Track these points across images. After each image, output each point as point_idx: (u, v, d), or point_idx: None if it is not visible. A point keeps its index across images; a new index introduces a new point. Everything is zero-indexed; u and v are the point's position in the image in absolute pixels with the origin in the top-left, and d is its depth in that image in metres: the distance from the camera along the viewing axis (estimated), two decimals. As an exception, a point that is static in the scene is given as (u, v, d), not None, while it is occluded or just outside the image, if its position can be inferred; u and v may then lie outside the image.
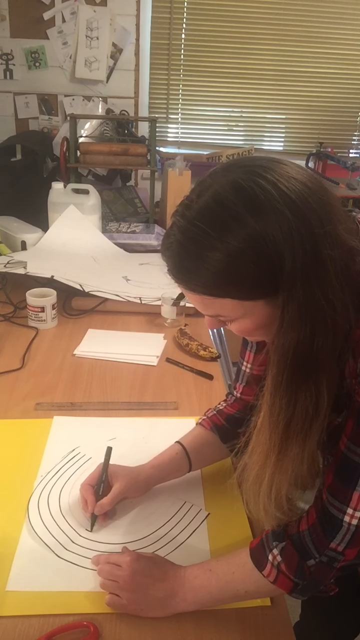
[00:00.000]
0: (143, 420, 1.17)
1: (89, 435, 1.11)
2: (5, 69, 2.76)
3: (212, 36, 2.88)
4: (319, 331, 0.62)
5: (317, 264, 0.61)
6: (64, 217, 2.01)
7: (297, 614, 1.22)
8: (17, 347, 1.44)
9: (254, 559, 0.73)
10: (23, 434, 1.11)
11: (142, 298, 1.65)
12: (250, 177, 0.62)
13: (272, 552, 0.71)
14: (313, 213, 0.61)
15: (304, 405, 0.65)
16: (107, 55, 2.75)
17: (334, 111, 3.10)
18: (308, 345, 0.62)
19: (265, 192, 0.61)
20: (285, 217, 0.60)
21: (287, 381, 0.65)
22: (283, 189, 0.61)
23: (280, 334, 0.64)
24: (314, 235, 0.61)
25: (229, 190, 0.62)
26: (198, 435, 0.99)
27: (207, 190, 0.64)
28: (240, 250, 0.61)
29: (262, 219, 0.60)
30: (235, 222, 0.61)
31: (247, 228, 0.60)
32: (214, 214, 0.62)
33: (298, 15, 2.85)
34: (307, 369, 0.64)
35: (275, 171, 0.62)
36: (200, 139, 3.11)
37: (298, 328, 0.62)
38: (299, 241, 0.60)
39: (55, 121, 2.86)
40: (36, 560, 0.83)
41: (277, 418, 0.66)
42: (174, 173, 2.26)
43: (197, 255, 0.63)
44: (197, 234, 0.63)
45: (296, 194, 0.61)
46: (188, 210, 0.65)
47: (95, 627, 0.73)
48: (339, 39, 2.93)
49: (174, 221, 0.67)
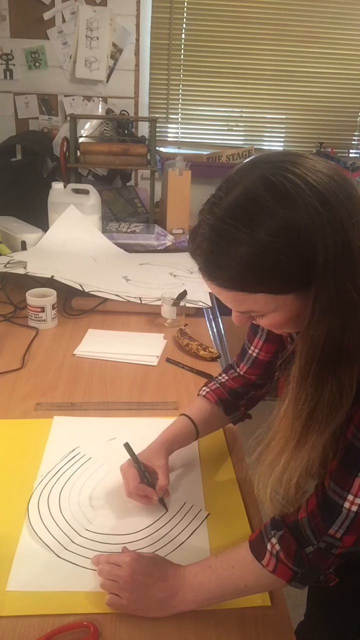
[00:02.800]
0: (143, 420, 1.17)
1: (89, 436, 1.11)
2: (5, 69, 2.76)
3: (212, 36, 2.88)
4: (349, 323, 0.63)
5: (348, 255, 0.62)
6: (64, 217, 2.01)
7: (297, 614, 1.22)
8: (17, 347, 1.44)
9: (253, 550, 0.74)
10: (23, 434, 1.11)
11: (142, 298, 1.65)
12: (278, 172, 0.63)
13: (270, 542, 0.72)
14: (341, 205, 0.62)
15: (329, 397, 0.65)
16: (107, 55, 2.75)
17: (334, 111, 3.10)
18: (338, 338, 0.63)
19: (295, 186, 0.61)
20: (315, 209, 0.61)
21: (314, 372, 0.65)
22: (312, 182, 0.62)
23: (310, 325, 0.64)
24: (344, 227, 0.61)
25: (258, 185, 0.63)
26: (203, 408, 1.04)
27: (235, 187, 0.64)
28: (273, 243, 0.61)
29: (294, 212, 0.61)
30: (267, 216, 0.61)
31: (279, 221, 0.61)
32: (244, 209, 0.63)
33: (298, 16, 2.85)
34: (336, 361, 0.64)
35: (302, 165, 0.63)
36: (200, 139, 3.11)
37: (329, 320, 0.63)
38: (330, 233, 0.61)
39: (55, 121, 2.86)
40: (36, 560, 0.83)
41: (301, 407, 0.67)
42: (174, 173, 2.26)
43: (228, 251, 0.64)
44: (228, 231, 0.63)
45: (324, 187, 0.62)
46: (217, 207, 0.65)
47: (95, 627, 0.73)
48: (339, 39, 2.93)
49: (202, 219, 0.67)
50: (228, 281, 0.66)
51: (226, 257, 0.64)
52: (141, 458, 0.96)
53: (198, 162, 2.79)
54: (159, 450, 0.97)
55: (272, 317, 0.69)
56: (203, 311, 1.68)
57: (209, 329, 1.61)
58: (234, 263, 0.64)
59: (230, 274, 0.65)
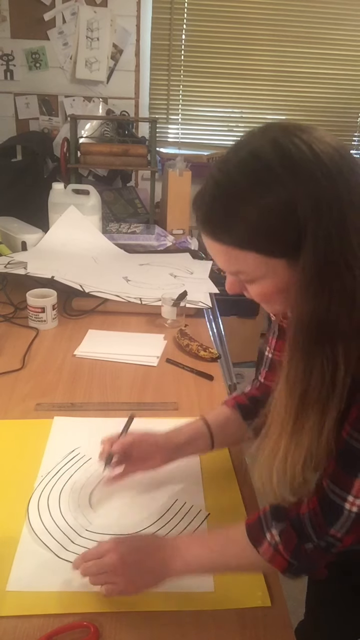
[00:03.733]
0: (143, 420, 1.17)
1: (89, 436, 1.11)
2: (5, 69, 2.76)
3: (212, 37, 2.88)
4: (337, 298, 0.63)
5: (342, 231, 0.62)
6: (64, 217, 2.01)
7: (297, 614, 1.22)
8: (17, 348, 1.44)
9: (250, 535, 0.74)
10: (23, 434, 1.11)
11: (142, 298, 1.65)
12: (288, 136, 0.64)
13: (270, 532, 0.72)
14: (343, 179, 0.63)
15: (320, 372, 0.65)
16: (107, 56, 2.75)
17: (334, 112, 3.10)
18: (325, 311, 0.63)
19: (301, 151, 0.62)
20: (316, 177, 0.62)
21: (303, 346, 0.65)
22: (317, 151, 0.63)
23: (298, 296, 0.65)
24: (342, 200, 0.62)
25: (266, 146, 0.64)
26: (221, 413, 1.01)
27: (244, 146, 0.66)
28: (270, 204, 0.62)
29: (295, 178, 0.62)
30: (269, 176, 0.62)
31: (280, 184, 0.62)
32: (250, 167, 0.64)
33: (298, 16, 2.86)
34: (324, 335, 0.64)
35: (312, 134, 0.64)
36: (201, 140, 3.11)
37: (316, 292, 0.63)
38: (326, 204, 0.61)
39: (56, 122, 2.87)
40: (36, 560, 0.83)
41: (293, 385, 0.67)
42: (175, 174, 2.26)
43: (228, 205, 0.65)
44: (231, 186, 0.65)
45: (329, 158, 0.63)
46: (224, 164, 0.67)
47: (95, 627, 0.73)
48: (339, 39, 2.93)
49: (210, 174, 0.68)
50: (223, 235, 0.67)
51: (224, 211, 0.66)
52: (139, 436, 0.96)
53: (198, 163, 2.79)
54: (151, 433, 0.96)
55: (263, 285, 0.70)
56: (203, 312, 1.68)
57: (209, 330, 1.61)
58: (231, 218, 0.65)
59: (226, 227, 0.66)
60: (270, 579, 0.81)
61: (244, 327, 2.61)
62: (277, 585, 0.81)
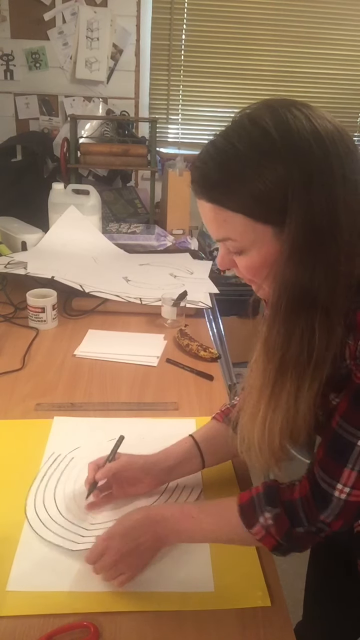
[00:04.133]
0: (143, 420, 1.17)
1: (89, 436, 1.11)
2: (5, 69, 2.76)
3: (212, 37, 2.88)
4: (321, 268, 0.64)
5: (330, 203, 0.63)
6: (64, 217, 2.01)
7: (297, 614, 1.22)
8: (17, 348, 1.44)
9: (243, 517, 0.75)
10: (23, 434, 1.11)
11: (142, 298, 1.65)
12: (286, 106, 0.66)
13: (263, 515, 0.73)
14: (337, 154, 0.64)
15: (299, 340, 0.67)
16: (107, 56, 2.75)
17: (334, 112, 3.08)
18: (308, 279, 0.65)
19: (298, 121, 0.64)
20: (310, 148, 0.63)
21: (284, 312, 0.67)
22: (314, 123, 0.65)
23: (282, 262, 0.66)
24: (333, 174, 0.63)
25: (264, 112, 0.67)
26: (211, 428, 1.00)
27: (245, 114, 0.68)
28: (262, 169, 0.64)
29: (289, 146, 0.63)
30: (265, 143, 0.64)
31: (274, 151, 0.64)
32: (247, 131, 0.66)
33: (298, 16, 2.86)
34: (305, 302, 0.66)
35: (311, 109, 0.67)
36: (201, 140, 3.11)
37: (300, 260, 0.65)
38: (317, 175, 0.63)
39: (56, 122, 2.87)
40: (36, 560, 0.83)
41: (272, 350, 0.69)
42: (175, 174, 2.26)
43: (223, 165, 0.67)
44: (226, 145, 0.67)
45: (325, 131, 0.64)
46: (225, 129, 0.69)
47: (95, 627, 0.73)
48: (339, 40, 2.93)
49: (211, 139, 0.71)
50: (214, 193, 0.69)
51: (216, 170, 0.68)
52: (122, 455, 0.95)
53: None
54: (139, 455, 0.94)
55: (250, 257, 0.71)
56: (203, 312, 1.68)
57: (209, 330, 1.61)
58: (224, 177, 0.67)
59: (216, 186, 0.68)
60: (270, 579, 0.81)
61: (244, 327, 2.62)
62: (277, 585, 0.81)
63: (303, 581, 1.21)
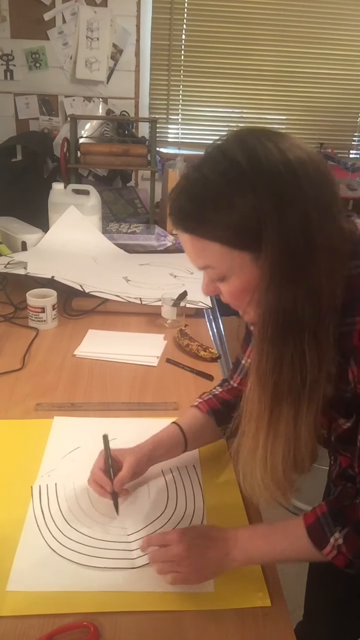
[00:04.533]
0: (143, 420, 1.17)
1: (89, 436, 1.11)
2: (5, 69, 2.76)
3: (212, 37, 2.88)
4: (302, 291, 0.65)
5: (305, 227, 0.64)
6: (64, 217, 2.01)
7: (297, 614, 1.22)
8: (17, 348, 1.44)
9: (312, 538, 0.75)
10: (23, 434, 1.11)
11: (143, 299, 1.65)
12: (256, 136, 0.68)
13: (334, 536, 0.74)
14: (308, 178, 0.65)
15: (290, 364, 0.67)
16: (107, 56, 2.75)
17: (334, 112, 3.10)
18: (291, 303, 0.65)
19: (266, 149, 0.65)
20: (280, 175, 0.64)
21: (272, 337, 0.68)
22: (283, 150, 0.65)
23: (263, 288, 0.67)
24: (306, 199, 0.64)
25: (234, 143, 0.68)
26: (194, 417, 1.02)
27: (216, 146, 0.70)
28: (234, 199, 0.65)
29: (259, 174, 0.64)
30: (235, 173, 0.65)
31: (245, 180, 0.65)
32: (215, 160, 0.68)
33: (298, 16, 2.86)
34: (291, 326, 0.66)
35: (281, 137, 0.68)
36: (201, 140, 3.11)
37: (281, 284, 0.66)
38: (289, 201, 0.64)
39: (56, 122, 2.87)
40: (36, 560, 0.83)
41: (264, 377, 0.70)
42: (174, 174, 2.26)
43: (193, 194, 0.69)
44: (198, 177, 0.68)
45: (296, 158, 0.65)
46: (197, 161, 0.71)
47: (95, 627, 0.73)
48: (339, 39, 2.93)
49: (185, 170, 0.72)
50: (187, 223, 0.70)
51: (189, 200, 0.69)
52: (117, 453, 0.95)
53: (198, 163, 2.79)
54: (136, 449, 0.95)
55: (231, 283, 0.72)
56: (203, 312, 1.68)
57: (209, 330, 1.61)
58: (195, 206, 0.68)
59: (190, 216, 0.70)
60: (270, 579, 0.81)
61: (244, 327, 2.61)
62: (277, 585, 0.81)
63: (303, 581, 1.21)
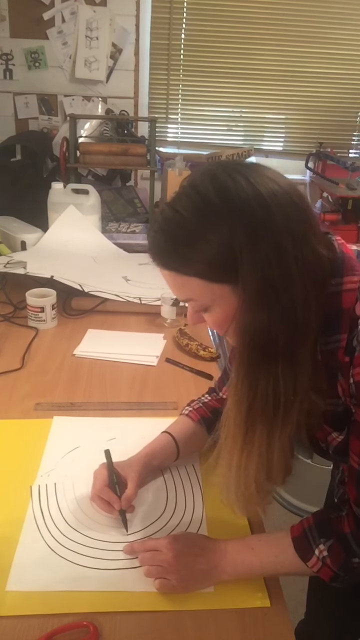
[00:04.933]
0: (143, 420, 1.17)
1: (89, 436, 1.11)
2: (5, 69, 2.76)
3: (211, 36, 2.88)
4: (276, 319, 0.66)
5: (278, 257, 0.65)
6: (63, 217, 2.01)
7: (297, 614, 1.22)
8: (16, 347, 1.44)
9: (298, 550, 0.76)
10: (23, 434, 1.11)
11: (142, 298, 1.65)
12: (226, 170, 0.68)
13: (318, 547, 0.75)
14: (280, 209, 0.66)
15: (264, 389, 0.69)
16: (106, 55, 2.75)
17: (334, 111, 3.10)
18: (266, 330, 0.67)
19: (236, 183, 0.66)
20: (249, 207, 0.65)
21: (247, 363, 0.69)
22: (254, 184, 0.66)
23: (241, 315, 0.68)
24: (279, 230, 0.65)
25: (205, 179, 0.68)
26: (186, 427, 1.03)
27: (189, 182, 0.71)
28: (207, 234, 0.66)
29: (230, 208, 0.65)
30: (207, 208, 0.66)
31: (216, 215, 0.66)
32: (188, 196, 0.68)
33: (298, 16, 2.86)
34: (266, 352, 0.68)
35: (253, 170, 0.68)
36: (200, 139, 3.11)
37: (256, 313, 0.67)
38: (261, 233, 0.65)
39: (55, 121, 2.87)
40: (36, 560, 0.83)
41: (239, 400, 0.71)
42: (174, 173, 2.26)
43: (168, 233, 0.70)
44: (172, 214, 0.69)
45: (267, 190, 0.66)
46: (172, 197, 0.71)
47: (95, 627, 0.73)
48: (339, 39, 2.93)
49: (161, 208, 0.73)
50: (166, 260, 0.72)
51: (164, 238, 0.70)
52: (117, 467, 0.95)
53: (198, 162, 2.79)
54: (135, 463, 0.96)
55: (214, 313, 0.73)
56: (203, 311, 1.68)
57: (209, 329, 1.61)
58: (171, 244, 0.69)
59: (167, 253, 0.71)
60: (269, 580, 0.81)
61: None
62: (277, 585, 0.81)
63: (303, 581, 1.21)
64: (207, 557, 0.80)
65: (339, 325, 0.69)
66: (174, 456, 1.00)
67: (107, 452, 0.97)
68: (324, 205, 2.83)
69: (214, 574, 0.79)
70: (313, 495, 1.16)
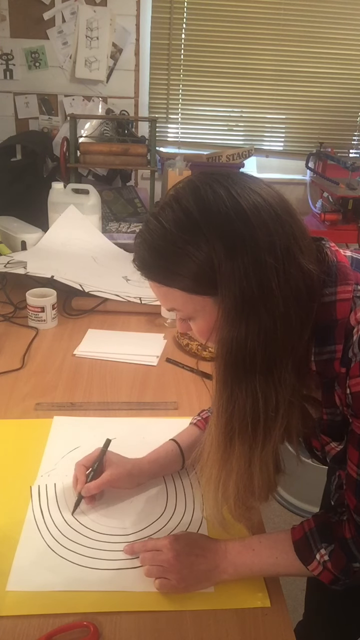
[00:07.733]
0: (143, 420, 1.17)
1: (89, 436, 1.11)
2: (5, 69, 2.76)
3: (212, 36, 2.88)
4: (254, 333, 0.66)
5: (258, 271, 0.64)
6: (64, 217, 2.01)
7: (297, 614, 1.22)
8: (17, 347, 1.44)
9: (299, 553, 0.76)
10: (23, 434, 1.11)
11: (142, 298, 1.65)
12: (207, 181, 0.68)
13: (319, 552, 0.75)
14: (262, 223, 0.65)
15: (242, 405, 0.69)
16: (107, 55, 2.75)
17: (334, 111, 3.10)
18: (243, 345, 0.66)
19: (216, 196, 0.66)
20: (228, 220, 0.64)
21: (225, 377, 0.69)
22: (235, 196, 0.66)
23: (220, 329, 0.68)
24: (258, 243, 0.64)
25: (187, 191, 0.69)
26: (193, 435, 1.02)
27: (172, 193, 0.71)
28: (185, 244, 0.66)
29: (209, 221, 0.65)
30: (185, 219, 0.66)
31: (194, 226, 0.66)
32: (171, 208, 0.69)
33: (298, 16, 2.86)
34: (243, 367, 0.67)
35: (233, 180, 0.68)
36: (200, 139, 3.11)
37: (234, 326, 0.66)
38: (240, 246, 0.64)
39: (55, 121, 2.87)
40: (36, 560, 0.83)
41: (218, 415, 0.71)
42: (174, 173, 2.26)
43: (152, 245, 0.70)
44: (155, 226, 0.70)
45: (247, 202, 0.65)
46: (157, 208, 0.72)
47: (95, 627, 0.73)
48: (339, 39, 2.93)
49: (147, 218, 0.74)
50: (148, 271, 0.72)
51: (147, 249, 0.71)
52: (110, 457, 0.96)
53: (198, 162, 2.79)
54: (120, 465, 0.95)
55: (198, 323, 0.74)
56: (203, 311, 1.68)
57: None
58: (152, 255, 0.70)
59: (149, 264, 0.71)
60: (270, 580, 0.81)
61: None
62: (277, 585, 0.81)
63: (303, 581, 1.21)
64: (208, 558, 0.80)
65: (333, 336, 0.68)
66: (178, 464, 0.99)
67: (107, 441, 0.98)
68: (325, 205, 2.83)
69: (215, 574, 0.79)
70: (313, 495, 1.16)
